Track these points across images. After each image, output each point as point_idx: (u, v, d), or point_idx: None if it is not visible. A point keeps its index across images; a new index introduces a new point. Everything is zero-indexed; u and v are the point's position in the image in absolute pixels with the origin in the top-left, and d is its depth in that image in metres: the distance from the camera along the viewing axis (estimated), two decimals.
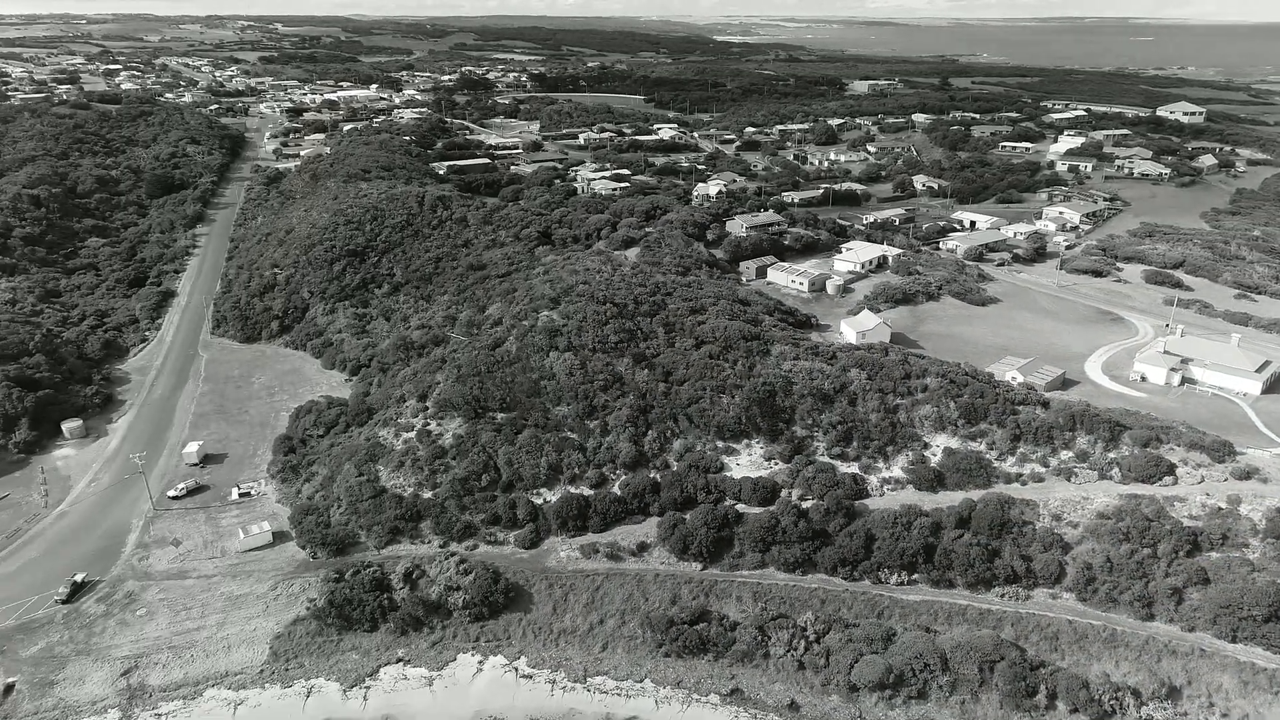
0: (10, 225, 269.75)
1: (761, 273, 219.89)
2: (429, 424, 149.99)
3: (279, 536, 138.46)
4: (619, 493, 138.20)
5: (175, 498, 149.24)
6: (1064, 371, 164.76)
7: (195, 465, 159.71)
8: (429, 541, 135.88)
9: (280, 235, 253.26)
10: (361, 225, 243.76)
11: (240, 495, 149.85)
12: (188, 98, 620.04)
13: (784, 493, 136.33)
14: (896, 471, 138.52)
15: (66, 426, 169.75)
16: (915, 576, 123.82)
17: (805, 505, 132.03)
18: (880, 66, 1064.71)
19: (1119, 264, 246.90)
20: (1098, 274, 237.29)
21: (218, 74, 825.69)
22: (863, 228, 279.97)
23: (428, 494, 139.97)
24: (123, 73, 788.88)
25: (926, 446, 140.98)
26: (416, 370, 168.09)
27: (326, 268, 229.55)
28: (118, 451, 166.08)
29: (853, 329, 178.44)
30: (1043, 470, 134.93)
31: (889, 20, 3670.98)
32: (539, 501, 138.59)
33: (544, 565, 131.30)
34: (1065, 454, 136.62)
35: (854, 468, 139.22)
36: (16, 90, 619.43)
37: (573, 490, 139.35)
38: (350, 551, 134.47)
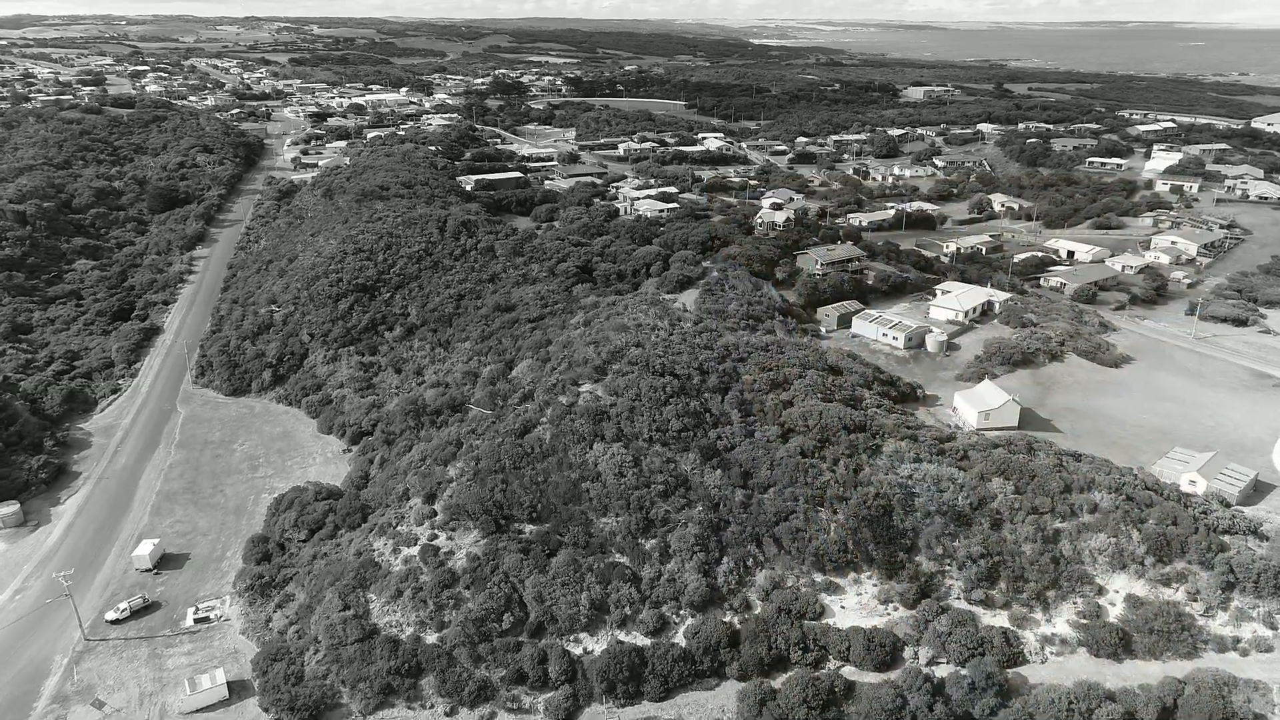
0: None
1: (844, 322, 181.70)
2: (437, 536, 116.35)
3: (236, 688, 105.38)
4: (684, 644, 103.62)
5: (115, 621, 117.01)
6: (1256, 473, 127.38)
7: (148, 571, 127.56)
8: (431, 705, 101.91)
9: (282, 264, 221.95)
10: (373, 255, 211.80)
11: (196, 620, 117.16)
12: (210, 101, 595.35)
13: (908, 652, 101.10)
14: (1062, 627, 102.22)
15: (0, 513, 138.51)
16: None
17: (939, 674, 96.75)
18: (927, 71, 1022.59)
19: (1261, 309, 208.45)
20: (1240, 322, 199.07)
21: (245, 76, 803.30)
22: (947, 258, 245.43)
23: (432, 637, 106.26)
24: (150, 74, 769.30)
25: (1101, 592, 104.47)
26: (426, 455, 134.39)
27: (330, 305, 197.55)
28: (58, 546, 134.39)
29: (972, 406, 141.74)
30: (1269, 635, 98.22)
31: (928, 24, 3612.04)
32: (578, 652, 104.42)
33: None
34: None
35: (1003, 619, 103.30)
36: (40, 92, 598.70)
37: (623, 638, 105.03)
38: (327, 718, 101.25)
